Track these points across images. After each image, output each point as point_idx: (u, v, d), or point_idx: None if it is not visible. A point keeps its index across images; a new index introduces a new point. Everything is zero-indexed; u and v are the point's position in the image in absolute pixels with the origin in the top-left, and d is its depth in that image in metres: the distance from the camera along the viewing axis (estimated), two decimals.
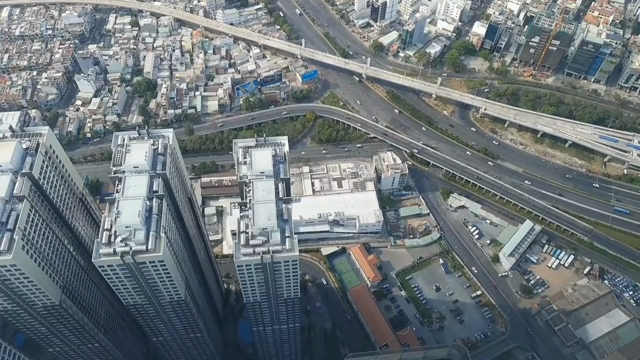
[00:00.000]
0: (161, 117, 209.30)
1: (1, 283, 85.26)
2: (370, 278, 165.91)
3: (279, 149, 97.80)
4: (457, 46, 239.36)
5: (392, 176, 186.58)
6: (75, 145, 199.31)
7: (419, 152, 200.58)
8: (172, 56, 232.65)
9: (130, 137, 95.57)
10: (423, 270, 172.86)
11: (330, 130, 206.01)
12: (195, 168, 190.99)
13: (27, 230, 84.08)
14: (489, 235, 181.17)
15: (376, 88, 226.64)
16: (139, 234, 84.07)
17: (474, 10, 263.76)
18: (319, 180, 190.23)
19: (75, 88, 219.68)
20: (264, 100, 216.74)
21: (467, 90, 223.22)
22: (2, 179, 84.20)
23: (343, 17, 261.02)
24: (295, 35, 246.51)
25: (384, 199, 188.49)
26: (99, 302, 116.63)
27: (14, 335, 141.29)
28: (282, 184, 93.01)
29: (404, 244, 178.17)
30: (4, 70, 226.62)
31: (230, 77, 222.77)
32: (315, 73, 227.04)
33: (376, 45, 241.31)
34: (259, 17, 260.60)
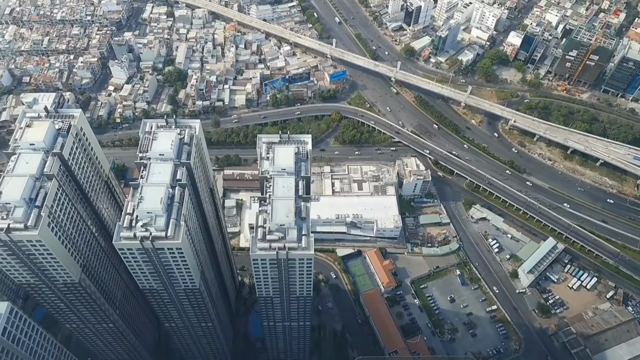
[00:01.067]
0: (189, 107, 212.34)
1: (26, 257, 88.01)
2: (384, 283, 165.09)
3: (302, 147, 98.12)
4: (490, 55, 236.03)
5: (414, 182, 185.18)
6: (104, 129, 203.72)
7: (443, 160, 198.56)
8: (204, 48, 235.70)
9: (158, 125, 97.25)
10: (438, 280, 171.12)
11: (355, 132, 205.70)
12: (218, 160, 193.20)
13: (54, 209, 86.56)
14: (509, 250, 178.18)
15: (405, 92, 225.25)
16: (160, 221, 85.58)
17: (510, 19, 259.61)
18: (340, 181, 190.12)
19: (109, 74, 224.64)
20: (291, 98, 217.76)
21: (497, 101, 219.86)
22: (34, 157, 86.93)
23: (376, 19, 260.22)
24: (326, 35, 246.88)
25: (404, 204, 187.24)
26: (116, 284, 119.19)
27: (34, 309, 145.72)
28: (303, 182, 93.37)
29: (421, 252, 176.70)
30: (43, 52, 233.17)
31: (260, 73, 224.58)
32: (343, 73, 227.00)
33: (407, 50, 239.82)
34: (291, 15, 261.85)
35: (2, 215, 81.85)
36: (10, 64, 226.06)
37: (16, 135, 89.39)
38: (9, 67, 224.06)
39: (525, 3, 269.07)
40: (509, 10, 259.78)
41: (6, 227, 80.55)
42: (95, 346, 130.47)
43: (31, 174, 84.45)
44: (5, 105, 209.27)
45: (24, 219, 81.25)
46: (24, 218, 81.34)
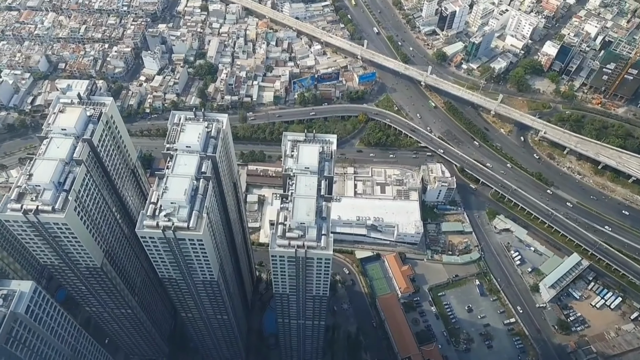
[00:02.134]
0: (218, 101, 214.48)
1: (52, 239, 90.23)
2: (401, 288, 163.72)
3: (326, 147, 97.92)
4: (524, 64, 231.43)
5: (438, 188, 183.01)
6: (134, 119, 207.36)
7: (470, 168, 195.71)
8: (236, 44, 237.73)
9: (187, 117, 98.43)
10: (457, 289, 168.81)
11: (381, 134, 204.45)
12: (243, 155, 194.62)
13: (81, 193, 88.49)
14: (531, 263, 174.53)
15: (434, 97, 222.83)
16: (183, 212, 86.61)
17: (547, 29, 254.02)
18: (362, 183, 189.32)
19: (141, 64, 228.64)
20: (319, 97, 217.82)
21: (529, 111, 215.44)
22: (65, 141, 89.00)
23: (409, 22, 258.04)
24: (358, 36, 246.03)
25: (427, 210, 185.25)
26: (136, 271, 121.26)
27: (57, 290, 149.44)
28: (325, 181, 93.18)
29: (441, 259, 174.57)
30: (79, 40, 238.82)
31: (289, 71, 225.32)
32: (373, 75, 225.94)
33: (439, 54, 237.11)
34: (324, 14, 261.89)
35: (31, 196, 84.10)
36: (48, 50, 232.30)
37: (49, 119, 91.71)
38: (47, 53, 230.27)
39: (564, 13, 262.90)
40: (546, 19, 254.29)
41: (35, 209, 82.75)
42: (112, 330, 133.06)
43: (61, 159, 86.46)
44: (40, 90, 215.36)
45: (52, 201, 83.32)
46: (52, 201, 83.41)
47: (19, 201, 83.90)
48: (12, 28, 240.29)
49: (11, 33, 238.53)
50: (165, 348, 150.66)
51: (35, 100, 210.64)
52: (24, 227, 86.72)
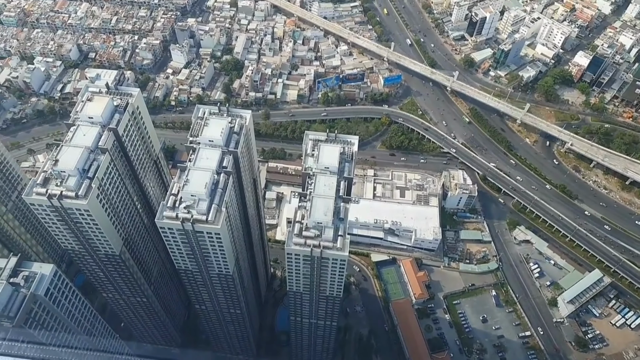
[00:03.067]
0: (242, 97, 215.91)
1: (73, 225, 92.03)
2: (416, 294, 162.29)
3: (347, 148, 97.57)
4: (554, 74, 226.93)
5: (459, 196, 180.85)
6: (159, 110, 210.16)
7: (492, 176, 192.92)
8: (263, 41, 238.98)
9: (211, 111, 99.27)
10: (472, 298, 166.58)
11: (403, 138, 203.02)
12: (264, 152, 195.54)
13: (104, 181, 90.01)
14: (550, 277, 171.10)
15: (459, 103, 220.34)
16: (202, 205, 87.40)
17: (580, 38, 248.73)
18: (382, 186, 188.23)
19: (169, 57, 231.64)
20: (342, 97, 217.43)
21: (556, 122, 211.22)
22: (91, 130, 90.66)
23: (438, 27, 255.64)
24: (385, 38, 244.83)
25: (446, 217, 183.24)
26: (153, 260, 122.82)
27: (76, 275, 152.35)
28: (345, 182, 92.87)
29: (457, 267, 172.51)
30: (110, 31, 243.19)
31: (314, 70, 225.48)
32: (399, 78, 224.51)
33: (467, 60, 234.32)
34: (352, 15, 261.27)
35: (56, 182, 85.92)
36: (80, 39, 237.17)
37: (77, 107, 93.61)
38: (78, 42, 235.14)
39: (598, 23, 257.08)
40: (580, 28, 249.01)
41: (59, 194, 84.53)
42: (127, 317, 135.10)
43: (87, 146, 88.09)
44: (70, 78, 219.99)
45: (75, 188, 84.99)
46: (76, 187, 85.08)
47: (44, 186, 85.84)
48: (47, 17, 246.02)
49: (46, 21, 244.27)
50: (177, 338, 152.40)
51: (64, 88, 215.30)
52: (48, 211, 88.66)
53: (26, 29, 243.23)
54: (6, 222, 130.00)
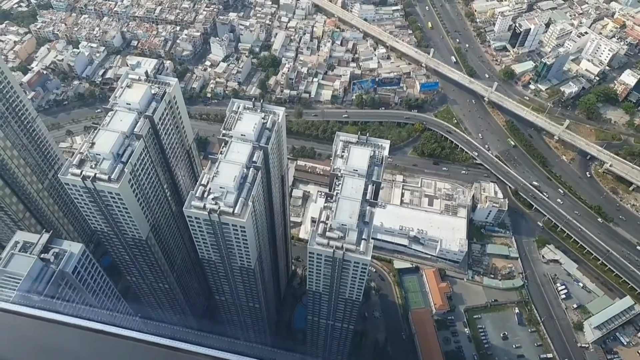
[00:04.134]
0: (277, 94, 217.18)
1: (104, 207, 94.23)
2: (437, 305, 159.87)
3: (378, 152, 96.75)
4: (597, 91, 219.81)
5: (488, 209, 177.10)
6: (195, 102, 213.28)
7: (524, 191, 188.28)
8: (302, 39, 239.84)
9: (245, 106, 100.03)
10: (494, 314, 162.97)
11: (436, 146, 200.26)
12: (294, 150, 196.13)
13: (136, 167, 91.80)
14: (578, 300, 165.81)
15: (496, 114, 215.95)
16: (230, 197, 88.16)
17: (628, 56, 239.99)
18: (410, 193, 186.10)
19: (208, 49, 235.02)
20: (377, 101, 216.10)
21: (596, 141, 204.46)
22: (128, 115, 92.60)
23: (479, 36, 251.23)
24: (425, 43, 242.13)
25: (474, 229, 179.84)
26: (178, 248, 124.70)
27: (102, 256, 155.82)
28: (372, 186, 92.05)
29: (481, 282, 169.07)
30: (154, 20, 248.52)
31: (350, 71, 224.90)
32: (436, 85, 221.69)
33: (507, 72, 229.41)
34: (393, 18, 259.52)
35: (91, 164, 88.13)
36: (124, 27, 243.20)
37: (116, 93, 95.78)
38: (122, 29, 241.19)
39: None
40: (629, 46, 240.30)
41: (92, 176, 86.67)
42: (148, 302, 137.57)
43: (122, 131, 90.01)
44: (112, 64, 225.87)
45: (109, 171, 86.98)
46: (109, 170, 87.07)
47: (80, 167, 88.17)
48: (94, 3, 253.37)
49: (93, 8, 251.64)
50: (195, 327, 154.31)
51: (106, 73, 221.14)
52: (81, 191, 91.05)
53: (74, 14, 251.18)
54: (42, 199, 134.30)
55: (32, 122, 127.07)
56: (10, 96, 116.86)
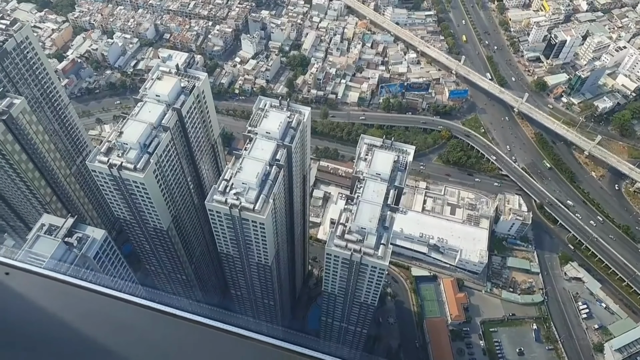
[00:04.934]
0: (304, 94, 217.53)
1: (128, 195, 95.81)
2: (452, 315, 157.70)
3: (402, 157, 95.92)
4: (633, 108, 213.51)
5: (511, 221, 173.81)
6: (222, 97, 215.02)
7: (549, 206, 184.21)
8: (332, 40, 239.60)
9: (272, 104, 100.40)
10: (511, 328, 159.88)
11: (461, 154, 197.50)
12: (318, 150, 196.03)
13: (162, 158, 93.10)
14: (599, 320, 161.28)
15: (525, 126, 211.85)
16: (251, 193, 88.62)
17: None
18: (432, 200, 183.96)
19: (239, 46, 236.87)
20: (404, 105, 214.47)
21: (628, 158, 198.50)
22: (156, 107, 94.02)
23: (513, 45, 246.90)
24: (456, 50, 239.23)
25: (495, 241, 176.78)
26: (198, 241, 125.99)
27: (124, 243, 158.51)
28: (395, 191, 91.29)
29: (499, 295, 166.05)
30: (187, 14, 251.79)
31: (379, 74, 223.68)
32: (465, 92, 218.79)
33: (539, 83, 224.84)
34: (425, 23, 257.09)
35: (118, 153, 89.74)
36: (157, 19, 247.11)
37: (146, 84, 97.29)
38: (156, 22, 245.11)
39: None
40: None
41: (119, 165, 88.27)
42: (165, 291, 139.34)
43: (150, 122, 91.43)
44: (144, 56, 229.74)
45: (135, 161, 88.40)
46: (135, 160, 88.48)
47: (107, 155, 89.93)
48: None
49: (129, 0, 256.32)
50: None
51: (137, 64, 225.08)
52: (107, 179, 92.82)
53: (110, 5, 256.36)
54: (69, 184, 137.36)
55: (64, 109, 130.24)
56: (45, 82, 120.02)
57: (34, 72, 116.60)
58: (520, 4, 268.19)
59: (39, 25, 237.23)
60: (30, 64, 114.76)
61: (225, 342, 11.87)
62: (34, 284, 12.11)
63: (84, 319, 11.89)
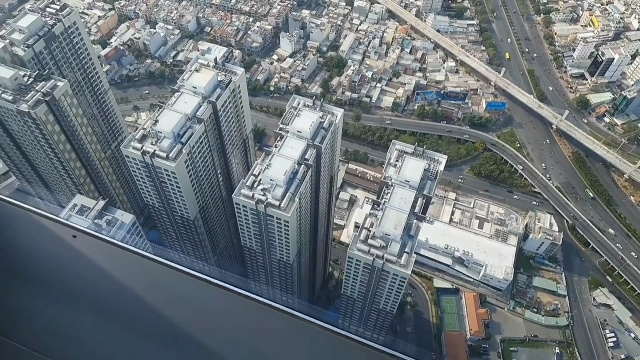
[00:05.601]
0: (338, 95, 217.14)
1: (158, 183, 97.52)
2: (472, 330, 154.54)
3: (433, 165, 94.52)
4: None
5: (541, 240, 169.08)
6: (257, 93, 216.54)
7: (582, 228, 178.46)
8: (370, 43, 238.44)
9: (305, 103, 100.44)
10: (532, 350, 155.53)
11: (494, 168, 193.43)
12: (347, 152, 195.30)
13: (194, 149, 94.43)
14: (627, 350, 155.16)
15: (562, 144, 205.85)
16: (278, 190, 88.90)
17: None
18: (461, 212, 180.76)
19: (277, 43, 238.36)
20: (439, 113, 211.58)
21: None
22: (192, 99, 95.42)
23: (556, 60, 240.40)
24: (497, 62, 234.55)
25: (522, 259, 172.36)
26: (223, 233, 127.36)
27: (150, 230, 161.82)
28: (423, 200, 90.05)
29: (522, 314, 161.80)
30: (229, 9, 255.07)
31: (415, 81, 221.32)
32: (503, 105, 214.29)
33: (581, 101, 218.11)
34: (467, 32, 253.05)
35: (152, 140, 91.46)
36: (200, 12, 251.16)
37: (184, 75, 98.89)
38: (198, 15, 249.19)
39: None
40: None
41: (152, 152, 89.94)
42: None
43: (185, 113, 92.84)
44: (184, 48, 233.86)
45: (167, 149, 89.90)
46: (168, 149, 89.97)
47: (141, 142, 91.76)
48: None
49: None
50: None
51: (177, 55, 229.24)
52: (139, 165, 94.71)
53: None
54: (102, 168, 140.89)
55: (104, 94, 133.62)
56: (88, 67, 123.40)
57: (79, 57, 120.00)
58: (568, 18, 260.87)
59: (86, 12, 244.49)
60: (75, 49, 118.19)
61: (283, 321, 12.36)
62: (99, 248, 12.84)
63: (146, 286, 12.61)
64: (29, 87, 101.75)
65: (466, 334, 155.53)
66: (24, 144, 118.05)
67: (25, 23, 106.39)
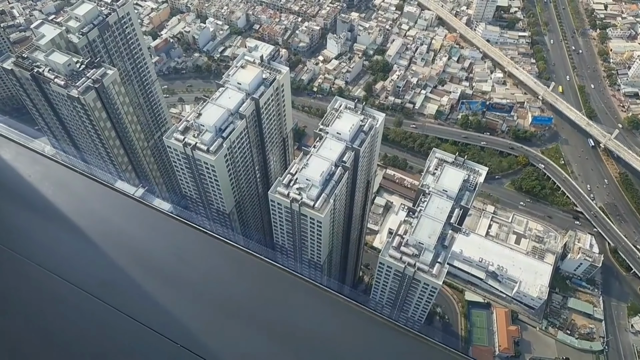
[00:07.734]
0: (381, 99, 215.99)
1: (197, 175, 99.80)
2: (501, 347, 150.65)
3: (473, 176, 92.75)
4: None
5: (579, 261, 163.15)
6: (300, 93, 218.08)
7: (624, 251, 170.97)
8: (418, 49, 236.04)
9: (347, 106, 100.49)
10: None
11: (536, 183, 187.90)
12: (386, 157, 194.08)
13: (234, 144, 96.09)
14: None
15: (609, 164, 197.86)
16: (314, 191, 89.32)
17: None
18: (498, 226, 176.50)
19: (324, 44, 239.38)
20: (483, 124, 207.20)
21: None
22: (236, 94, 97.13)
23: (609, 77, 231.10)
24: (547, 76, 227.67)
25: (558, 279, 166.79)
26: (256, 228, 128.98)
27: None
28: (460, 210, 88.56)
29: (555, 335, 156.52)
30: (278, 8, 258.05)
31: (461, 90, 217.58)
32: (549, 120, 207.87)
33: (633, 120, 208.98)
34: (517, 44, 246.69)
35: (194, 133, 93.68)
36: (250, 10, 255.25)
37: (230, 71, 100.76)
38: (247, 12, 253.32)
39: None
40: None
41: (193, 145, 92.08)
42: None
43: (228, 108, 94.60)
44: (232, 43, 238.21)
45: (209, 143, 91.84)
46: (209, 143, 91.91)
47: (183, 134, 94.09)
48: None
49: None
50: None
51: (224, 51, 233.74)
52: (180, 157, 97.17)
53: None
54: (144, 156, 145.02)
55: (151, 85, 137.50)
56: (137, 57, 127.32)
57: (129, 47, 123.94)
58: (625, 35, 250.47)
59: (140, 3, 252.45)
60: (127, 39, 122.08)
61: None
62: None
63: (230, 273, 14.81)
64: (80, 74, 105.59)
65: (495, 350, 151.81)
66: (71, 128, 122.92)
67: (82, 11, 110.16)
